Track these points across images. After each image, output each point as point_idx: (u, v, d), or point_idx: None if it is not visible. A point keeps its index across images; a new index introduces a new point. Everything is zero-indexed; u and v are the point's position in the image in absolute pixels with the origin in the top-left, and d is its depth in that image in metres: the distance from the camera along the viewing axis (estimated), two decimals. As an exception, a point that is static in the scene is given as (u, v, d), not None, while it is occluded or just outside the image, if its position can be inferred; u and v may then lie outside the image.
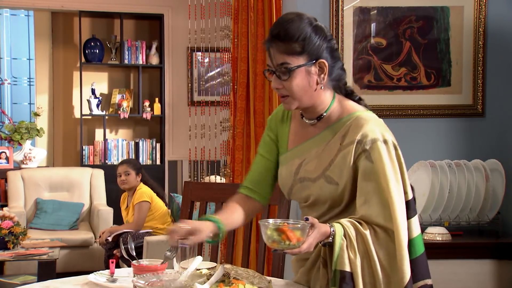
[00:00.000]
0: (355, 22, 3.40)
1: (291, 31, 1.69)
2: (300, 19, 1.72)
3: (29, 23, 7.15)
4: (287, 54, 1.70)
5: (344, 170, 1.72)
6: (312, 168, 1.78)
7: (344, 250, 1.64)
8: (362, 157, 1.69)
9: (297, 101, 1.74)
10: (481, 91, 3.40)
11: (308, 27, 1.71)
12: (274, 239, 1.56)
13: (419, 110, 3.42)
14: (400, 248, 1.63)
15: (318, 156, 1.78)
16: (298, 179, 1.82)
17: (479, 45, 3.39)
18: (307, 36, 1.70)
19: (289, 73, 1.70)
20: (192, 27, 4.17)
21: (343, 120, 1.76)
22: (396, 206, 1.64)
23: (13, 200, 5.83)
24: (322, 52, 1.72)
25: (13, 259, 4.03)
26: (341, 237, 1.64)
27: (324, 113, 1.78)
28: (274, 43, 1.71)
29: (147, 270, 1.79)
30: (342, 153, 1.72)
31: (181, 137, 6.73)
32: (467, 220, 3.21)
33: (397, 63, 3.42)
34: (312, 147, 1.80)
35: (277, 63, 1.72)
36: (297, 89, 1.72)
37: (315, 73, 1.73)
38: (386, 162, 1.66)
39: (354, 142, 1.70)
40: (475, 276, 3.04)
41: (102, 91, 6.88)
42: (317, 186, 1.76)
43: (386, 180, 1.65)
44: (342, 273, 1.63)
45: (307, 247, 1.59)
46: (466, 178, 3.15)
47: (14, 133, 6.20)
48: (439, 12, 3.41)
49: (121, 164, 5.07)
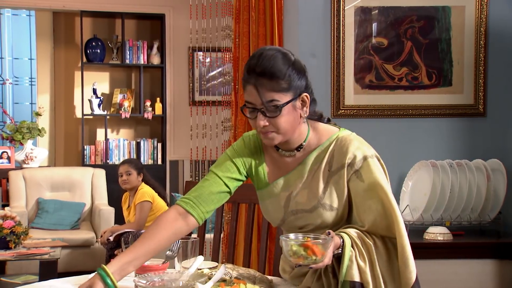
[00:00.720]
0: (356, 22, 3.40)
1: (277, 68, 1.67)
2: (281, 55, 1.70)
3: (31, 23, 7.16)
4: (276, 91, 1.67)
5: (339, 194, 1.73)
6: (304, 199, 1.77)
7: (353, 261, 1.65)
8: (353, 178, 1.71)
9: (282, 136, 1.73)
10: (483, 91, 3.40)
11: (289, 62, 1.70)
12: (300, 254, 1.55)
13: (421, 110, 3.42)
14: (404, 254, 1.64)
15: (308, 187, 1.77)
16: (290, 212, 1.80)
17: (481, 45, 3.39)
18: (291, 72, 1.69)
19: (279, 110, 1.68)
20: (193, 27, 4.17)
21: (324, 146, 1.77)
22: (398, 216, 1.66)
23: (14, 199, 5.83)
24: (303, 86, 1.72)
25: (15, 259, 4.04)
26: (350, 249, 1.65)
27: (303, 143, 1.79)
28: (259, 81, 1.67)
29: (148, 270, 1.79)
30: (334, 179, 1.74)
31: (183, 137, 6.72)
32: (468, 220, 3.21)
33: (399, 63, 3.42)
34: (297, 178, 1.79)
35: (265, 100, 1.67)
36: (285, 125, 1.70)
37: (299, 107, 1.72)
38: (379, 176, 1.69)
39: (344, 166, 1.72)
40: (476, 276, 3.05)
41: (103, 91, 6.88)
42: (315, 216, 1.76)
43: (385, 192, 1.68)
44: (352, 284, 1.64)
45: (328, 260, 1.59)
46: (467, 178, 3.15)
47: (16, 133, 6.21)
48: (441, 12, 3.41)
49: (123, 164, 5.07)
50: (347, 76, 3.39)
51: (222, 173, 1.84)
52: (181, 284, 1.62)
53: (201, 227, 2.49)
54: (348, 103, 3.39)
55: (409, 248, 1.64)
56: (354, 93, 3.39)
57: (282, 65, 1.68)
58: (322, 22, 3.39)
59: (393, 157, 3.40)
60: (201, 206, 1.80)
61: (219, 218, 2.48)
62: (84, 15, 6.62)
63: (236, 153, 1.87)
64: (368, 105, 3.39)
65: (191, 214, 1.79)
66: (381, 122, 3.40)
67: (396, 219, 1.66)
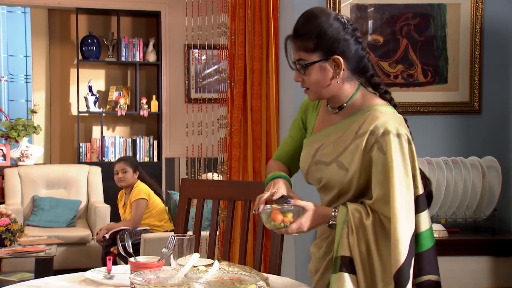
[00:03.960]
0: (352, 19, 3.37)
1: (307, 28, 1.77)
2: (320, 14, 1.78)
3: (26, 20, 7.14)
4: (302, 50, 1.79)
5: (355, 157, 1.77)
6: (327, 152, 1.85)
7: (344, 237, 1.72)
8: (374, 148, 1.74)
9: (316, 93, 1.84)
10: (478, 88, 3.41)
11: (325, 22, 1.76)
12: (264, 220, 1.76)
13: (416, 107, 3.42)
14: (395, 236, 1.67)
15: (335, 142, 1.85)
16: (314, 162, 1.89)
17: (476, 42, 3.39)
18: (322, 33, 1.76)
19: (304, 68, 1.79)
20: (189, 24, 4.16)
21: (362, 111, 1.81)
22: (396, 197, 1.68)
23: (10, 197, 5.83)
24: (337, 48, 1.77)
25: (10, 256, 4.03)
26: (342, 225, 1.73)
27: (345, 103, 1.85)
28: (292, 39, 1.81)
29: (144, 267, 1.79)
30: (356, 142, 1.78)
31: (178, 134, 6.72)
32: (463, 217, 3.22)
33: (394, 60, 3.42)
34: (332, 133, 1.87)
35: (294, 58, 1.81)
36: (314, 83, 1.81)
37: (331, 69, 1.79)
38: (394, 155, 1.71)
39: (367, 132, 1.76)
40: (471, 272, 3.05)
41: (99, 88, 6.87)
42: (329, 170, 1.83)
43: (393, 172, 1.70)
44: (343, 259, 1.71)
45: (297, 228, 1.74)
46: (462, 175, 3.16)
47: (11, 130, 6.19)
48: (436, 10, 3.41)
49: (118, 161, 5.07)
50: (343, 74, 3.38)
51: (292, 131, 2.07)
52: (177, 281, 1.62)
53: (197, 224, 2.49)
54: (343, 101, 3.39)
55: (402, 231, 1.67)
56: (349, 90, 3.39)
57: (313, 26, 1.76)
58: (318, 19, 3.38)
59: (389, 155, 3.40)
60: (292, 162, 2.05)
61: (215, 216, 2.49)
62: (80, 12, 6.61)
63: (301, 107, 2.05)
64: (363, 102, 3.39)
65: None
66: (376, 120, 3.40)
67: (393, 202, 1.68)
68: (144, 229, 4.84)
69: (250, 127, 3.61)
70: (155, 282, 1.62)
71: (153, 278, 1.65)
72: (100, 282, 1.90)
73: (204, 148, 5.11)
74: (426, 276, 1.75)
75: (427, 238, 1.75)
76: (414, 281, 1.73)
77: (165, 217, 5.04)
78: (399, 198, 1.68)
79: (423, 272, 1.74)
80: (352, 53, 1.79)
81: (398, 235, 1.67)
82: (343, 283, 1.69)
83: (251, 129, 3.61)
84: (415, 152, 1.76)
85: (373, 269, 1.71)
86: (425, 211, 1.76)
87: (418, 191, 1.75)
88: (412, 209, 1.71)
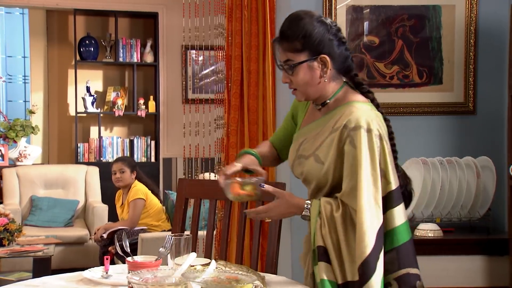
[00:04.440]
0: (348, 21, 3.42)
1: (293, 30, 1.82)
2: (304, 16, 1.84)
3: (24, 21, 7.15)
4: (290, 51, 1.84)
5: (330, 151, 1.84)
6: (308, 146, 1.92)
7: (318, 228, 1.80)
8: (346, 142, 1.80)
9: (303, 93, 1.89)
10: (473, 89, 3.43)
11: (310, 24, 1.82)
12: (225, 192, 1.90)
13: (411, 108, 3.45)
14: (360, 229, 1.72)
15: (314, 137, 1.92)
16: (297, 156, 1.96)
17: (471, 43, 3.42)
18: (308, 33, 1.81)
19: (292, 69, 1.84)
20: (186, 25, 4.18)
21: (341, 107, 1.87)
22: (362, 190, 1.74)
23: (8, 197, 5.84)
24: (324, 47, 1.83)
25: (8, 256, 4.05)
26: (316, 218, 1.80)
27: (328, 100, 1.91)
28: (279, 41, 1.86)
29: (141, 267, 1.80)
30: (331, 136, 1.85)
31: (176, 135, 6.74)
32: (458, 217, 3.24)
33: (390, 61, 3.45)
34: (313, 128, 1.94)
35: (282, 60, 1.86)
36: (302, 83, 1.86)
37: (318, 68, 1.85)
38: (363, 149, 1.76)
39: (341, 126, 1.82)
40: (466, 271, 3.08)
41: (97, 89, 6.88)
42: (308, 164, 1.90)
43: (361, 166, 1.75)
44: (319, 249, 1.78)
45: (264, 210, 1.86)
46: (457, 175, 3.18)
47: (9, 131, 6.21)
48: (431, 11, 3.44)
49: (116, 161, 5.08)
50: (338, 75, 3.41)
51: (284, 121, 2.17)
52: (174, 280, 1.64)
53: (194, 223, 2.51)
54: (339, 101, 3.41)
55: (368, 224, 1.72)
56: (345, 91, 3.41)
57: (299, 27, 1.82)
58: (314, 20, 3.41)
59: (384, 155, 3.42)
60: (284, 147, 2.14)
61: (212, 215, 2.51)
62: (78, 13, 6.62)
63: (294, 104, 2.12)
64: (359, 103, 3.41)
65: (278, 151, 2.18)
66: (372, 120, 3.42)
67: (359, 196, 1.74)
68: (141, 228, 4.86)
69: (247, 127, 3.63)
70: (153, 281, 1.64)
71: (151, 278, 1.66)
72: (97, 282, 1.91)
73: (201, 148, 5.13)
74: (404, 270, 1.80)
75: (403, 232, 1.80)
76: (393, 275, 1.78)
77: (163, 216, 5.06)
78: (365, 192, 1.74)
79: (401, 265, 1.79)
80: (337, 53, 1.86)
81: (363, 228, 1.72)
82: (321, 272, 1.76)
83: (248, 130, 3.63)
84: (387, 148, 1.80)
85: (342, 260, 1.77)
86: (399, 206, 1.80)
87: (391, 187, 1.80)
88: (379, 203, 1.75)
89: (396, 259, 1.77)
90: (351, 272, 1.75)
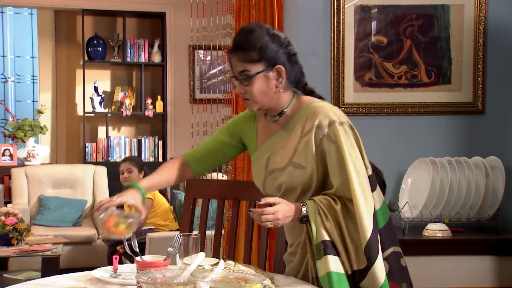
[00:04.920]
0: (356, 20, 3.42)
1: (249, 41, 1.86)
2: (258, 29, 1.89)
3: (33, 21, 7.18)
4: (246, 62, 1.87)
5: (308, 154, 1.87)
6: (279, 159, 1.94)
7: (320, 224, 1.82)
8: (324, 140, 1.86)
9: (258, 103, 1.92)
10: (481, 89, 3.42)
11: (265, 36, 1.87)
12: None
13: (420, 108, 3.44)
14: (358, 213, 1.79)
15: (283, 147, 1.94)
16: (269, 172, 1.97)
17: (479, 43, 3.41)
18: (264, 44, 1.86)
19: (249, 79, 1.87)
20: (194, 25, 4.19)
21: (301, 112, 1.93)
22: (353, 180, 1.80)
23: (17, 196, 5.86)
24: (279, 59, 1.89)
25: (17, 255, 4.06)
26: (315, 214, 1.82)
27: (285, 109, 1.95)
28: (235, 53, 1.89)
29: (150, 266, 1.80)
30: (304, 140, 1.88)
31: (183, 135, 6.74)
32: (467, 217, 3.23)
33: (398, 61, 3.44)
34: (278, 140, 1.96)
35: (238, 70, 1.89)
36: (257, 93, 1.89)
37: (274, 78, 1.89)
38: (343, 142, 1.83)
39: (313, 127, 1.87)
40: (475, 272, 3.07)
41: (104, 89, 6.90)
42: (286, 174, 1.91)
43: (345, 158, 1.82)
44: (324, 243, 1.81)
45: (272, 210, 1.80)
46: (466, 175, 3.17)
47: (18, 131, 6.23)
48: (440, 11, 3.43)
49: (124, 161, 5.09)
50: (347, 74, 3.41)
51: (221, 134, 2.13)
52: (183, 280, 1.64)
53: (202, 223, 2.51)
54: (347, 101, 3.41)
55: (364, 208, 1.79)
56: (353, 91, 3.42)
57: (255, 38, 1.86)
58: (322, 20, 3.41)
59: (393, 155, 3.42)
60: (200, 162, 2.14)
61: (220, 215, 2.51)
62: (86, 14, 6.64)
63: (234, 122, 2.12)
64: (367, 103, 3.41)
65: (191, 168, 2.16)
66: (380, 120, 3.42)
67: (352, 185, 1.80)
68: (149, 228, 4.87)
69: (255, 127, 3.63)
70: (161, 281, 1.64)
71: (159, 277, 1.66)
72: (106, 281, 1.92)
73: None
74: (391, 249, 1.88)
75: (379, 216, 1.86)
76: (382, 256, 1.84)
77: (170, 216, 5.06)
78: (356, 180, 1.81)
79: (386, 245, 1.86)
80: (290, 64, 1.91)
81: (361, 212, 1.79)
82: (328, 264, 1.79)
83: (256, 130, 3.62)
84: (359, 135, 1.89)
85: (348, 250, 1.82)
86: (375, 190, 1.88)
87: (369, 172, 1.88)
88: (369, 188, 1.83)
89: (381, 240, 1.83)
90: (356, 261, 1.81)
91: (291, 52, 1.92)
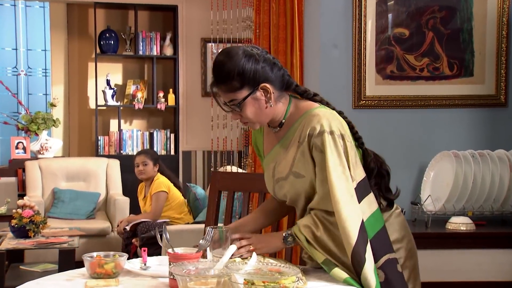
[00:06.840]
0: (378, 13, 3.39)
1: (225, 72, 1.86)
2: (229, 57, 1.87)
3: (45, 14, 7.15)
4: (231, 92, 1.88)
5: (305, 163, 1.89)
6: (282, 168, 1.96)
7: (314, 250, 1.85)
8: (313, 150, 1.86)
9: (257, 122, 1.95)
10: (504, 81, 3.39)
11: (239, 61, 1.86)
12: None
13: (442, 101, 3.41)
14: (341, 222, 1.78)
15: (284, 157, 1.96)
16: (275, 181, 2.00)
17: (503, 35, 3.38)
18: (241, 70, 1.85)
19: (239, 106, 1.88)
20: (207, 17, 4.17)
21: (299, 120, 1.93)
22: (336, 189, 1.79)
23: (31, 189, 5.87)
24: (260, 77, 1.88)
25: (35, 247, 4.07)
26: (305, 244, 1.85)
27: (283, 119, 1.97)
28: (217, 86, 1.90)
29: (182, 258, 1.80)
30: (301, 149, 1.90)
31: (195, 128, 6.74)
32: (490, 210, 3.21)
33: (420, 53, 3.41)
34: (280, 150, 1.99)
35: (226, 101, 1.90)
36: (252, 115, 1.91)
37: (262, 96, 1.89)
38: (329, 152, 1.82)
39: (306, 136, 1.88)
40: (498, 265, 3.05)
41: (116, 82, 6.89)
42: (289, 183, 1.94)
43: (329, 168, 1.81)
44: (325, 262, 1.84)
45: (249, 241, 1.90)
46: (490, 168, 3.15)
47: (31, 124, 6.23)
48: (462, 2, 3.40)
49: (139, 154, 5.09)
50: (368, 67, 3.38)
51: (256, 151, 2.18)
52: (217, 272, 1.63)
53: (228, 216, 2.50)
54: (369, 94, 3.38)
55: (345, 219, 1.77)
56: (375, 84, 3.39)
57: (230, 67, 1.86)
58: (343, 13, 3.38)
59: (414, 148, 3.40)
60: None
61: (245, 208, 2.50)
62: (98, 7, 6.63)
63: (252, 134, 2.17)
64: (389, 95, 3.39)
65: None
66: (402, 113, 3.40)
67: (333, 195, 1.79)
68: (164, 221, 4.87)
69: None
70: (195, 273, 1.63)
71: (192, 269, 1.66)
72: (137, 273, 1.91)
73: (227, 141, 5.13)
74: (384, 257, 1.86)
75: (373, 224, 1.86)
76: (376, 265, 1.83)
77: (185, 209, 5.07)
78: (339, 190, 1.79)
79: (379, 254, 1.85)
80: (273, 76, 1.90)
81: (343, 221, 1.78)
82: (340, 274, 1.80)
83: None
84: (349, 146, 1.86)
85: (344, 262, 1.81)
86: (366, 197, 1.87)
87: (357, 179, 1.86)
88: (354, 198, 1.82)
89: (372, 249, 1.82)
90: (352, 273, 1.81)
91: (270, 62, 1.91)
